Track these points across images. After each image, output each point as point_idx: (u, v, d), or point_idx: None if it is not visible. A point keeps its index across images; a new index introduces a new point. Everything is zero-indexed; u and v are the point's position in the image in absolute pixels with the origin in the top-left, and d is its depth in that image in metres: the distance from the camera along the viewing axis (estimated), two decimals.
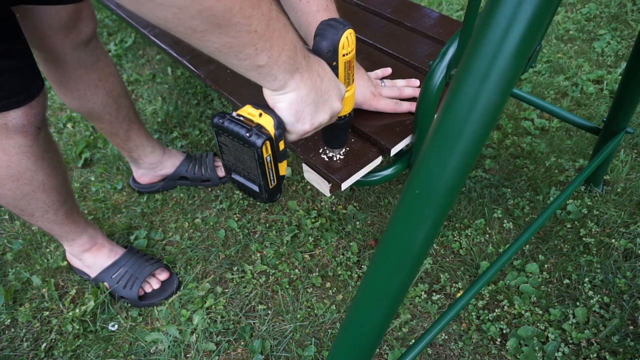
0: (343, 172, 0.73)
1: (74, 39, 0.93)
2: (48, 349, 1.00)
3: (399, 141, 0.76)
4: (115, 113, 1.09)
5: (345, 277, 1.09)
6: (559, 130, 1.39)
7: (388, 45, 0.95)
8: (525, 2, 0.33)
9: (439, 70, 0.65)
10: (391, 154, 0.77)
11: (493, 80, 0.36)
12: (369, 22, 1.02)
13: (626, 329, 0.95)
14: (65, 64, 0.96)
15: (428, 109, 0.69)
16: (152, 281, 1.08)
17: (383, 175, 0.78)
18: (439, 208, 0.43)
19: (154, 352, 0.99)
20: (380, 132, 0.78)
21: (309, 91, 0.55)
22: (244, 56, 0.47)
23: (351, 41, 0.59)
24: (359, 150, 0.76)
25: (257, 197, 0.63)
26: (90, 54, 0.98)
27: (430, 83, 0.66)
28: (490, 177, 1.27)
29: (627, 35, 1.73)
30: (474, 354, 0.95)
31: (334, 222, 1.21)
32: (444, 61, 0.64)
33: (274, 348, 0.98)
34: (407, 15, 1.02)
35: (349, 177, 0.73)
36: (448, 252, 1.13)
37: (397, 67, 0.89)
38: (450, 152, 0.40)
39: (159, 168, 1.28)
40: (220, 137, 0.58)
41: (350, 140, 0.78)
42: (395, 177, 0.80)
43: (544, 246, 1.10)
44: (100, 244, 1.08)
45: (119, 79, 1.08)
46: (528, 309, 1.00)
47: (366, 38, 0.98)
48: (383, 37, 0.97)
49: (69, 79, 0.99)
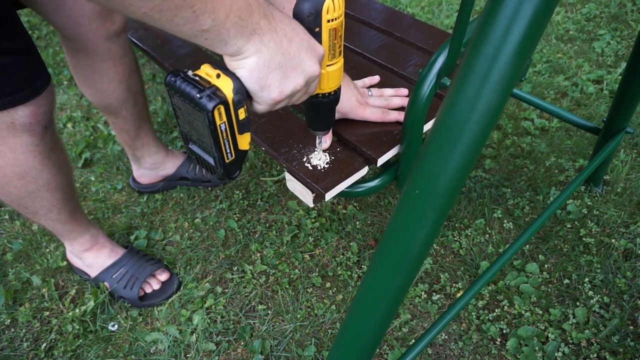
0: (327, 181, 0.70)
1: (109, 28, 0.92)
2: (48, 349, 1.00)
3: (386, 151, 0.74)
4: (132, 109, 1.09)
5: (345, 277, 1.09)
6: (559, 130, 1.39)
7: (377, 55, 0.94)
8: (525, 2, 0.33)
9: (429, 79, 0.63)
10: (378, 164, 0.74)
11: (493, 80, 0.36)
12: (358, 31, 1.02)
13: (626, 329, 0.95)
14: (96, 55, 0.95)
15: (416, 118, 0.67)
16: (152, 282, 1.08)
17: (369, 187, 0.76)
18: (439, 208, 0.43)
19: (154, 352, 0.99)
20: (367, 141, 0.75)
21: (272, 55, 0.49)
22: (181, 20, 0.42)
23: (338, 5, 0.52)
24: (344, 159, 0.74)
25: (212, 171, 0.57)
26: (120, 46, 0.98)
27: (419, 92, 0.64)
28: (490, 177, 1.27)
29: (627, 36, 1.73)
30: (474, 354, 0.95)
31: (334, 222, 1.21)
32: (433, 69, 0.62)
33: (274, 348, 0.98)
34: (396, 26, 1.01)
35: (334, 187, 0.70)
36: (448, 252, 1.13)
37: (386, 77, 0.88)
38: (451, 152, 0.40)
39: (160, 168, 1.28)
40: (173, 98, 0.52)
41: (335, 149, 0.75)
42: (381, 188, 0.78)
43: (544, 246, 1.10)
44: (102, 243, 1.08)
45: (140, 76, 1.09)
46: (528, 309, 1.00)
47: (355, 47, 0.97)
48: (373, 46, 0.96)
49: (95, 71, 0.99)
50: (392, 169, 0.77)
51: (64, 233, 1.02)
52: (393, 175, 0.77)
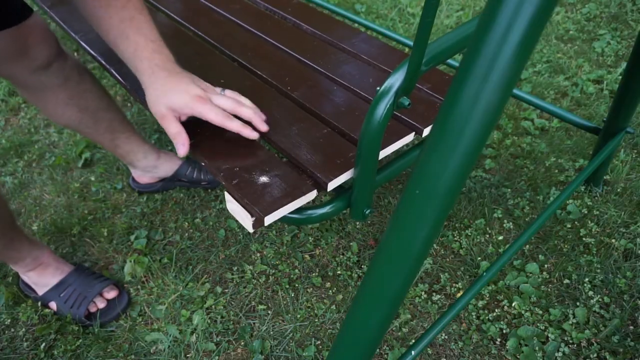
0: (267, 203, 0.62)
1: (28, 65, 0.87)
2: (48, 348, 1.00)
3: (338, 175, 0.67)
4: (94, 127, 1.06)
5: (345, 277, 1.09)
6: (559, 130, 1.39)
7: (335, 72, 0.89)
8: (525, 2, 0.33)
9: (386, 97, 0.56)
10: (328, 189, 0.67)
11: (493, 80, 0.36)
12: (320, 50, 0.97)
13: (626, 329, 0.95)
14: (29, 87, 0.92)
15: (372, 140, 0.59)
16: (98, 300, 1.04)
17: (318, 214, 0.68)
18: (439, 208, 0.43)
19: (153, 352, 0.99)
20: (317, 163, 0.69)
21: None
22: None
23: None
24: (291, 181, 0.67)
25: None
26: (54, 76, 0.93)
27: (375, 111, 0.57)
28: (490, 177, 1.27)
29: (627, 35, 1.73)
30: (474, 354, 0.95)
31: (334, 222, 1.21)
32: (392, 88, 0.56)
33: (274, 348, 0.98)
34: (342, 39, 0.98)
35: (274, 211, 0.62)
36: (448, 252, 1.12)
37: (348, 97, 0.83)
38: (451, 152, 0.40)
39: (154, 171, 1.27)
40: None
41: (280, 167, 0.69)
42: (333, 216, 0.70)
43: (544, 246, 1.10)
44: (46, 263, 1.04)
45: (99, 92, 1.04)
46: (528, 309, 1.00)
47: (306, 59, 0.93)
48: (330, 64, 0.92)
49: (37, 99, 0.96)
50: (346, 195, 0.70)
51: (3, 259, 0.99)
52: (347, 202, 0.70)
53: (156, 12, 1.12)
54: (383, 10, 2.06)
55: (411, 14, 2.01)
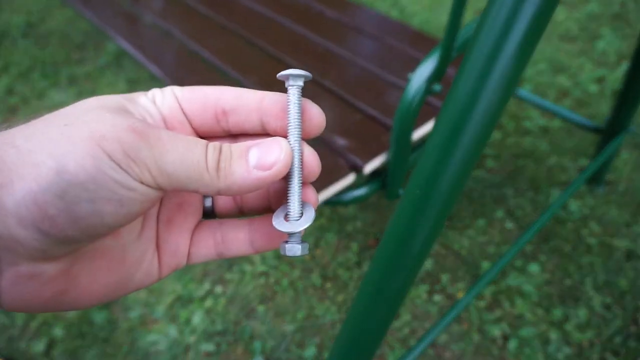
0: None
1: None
2: (48, 348, 1.00)
3: (373, 158, 0.71)
4: None
5: (345, 278, 1.09)
6: (561, 129, 1.38)
7: (364, 58, 0.91)
8: (526, 1, 0.33)
9: (418, 83, 0.59)
10: (364, 172, 0.71)
11: (494, 80, 0.36)
12: (349, 37, 1.00)
13: (628, 330, 0.95)
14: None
15: (404, 125, 0.63)
16: None
17: (354, 196, 0.72)
18: (440, 208, 0.43)
19: (153, 353, 0.99)
20: (353, 147, 0.72)
21: None
22: None
23: None
24: (329, 167, 0.70)
25: None
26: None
27: (407, 96, 0.60)
28: (491, 176, 1.27)
29: (629, 34, 1.72)
30: (475, 355, 0.94)
31: (334, 222, 1.20)
32: (423, 73, 0.59)
33: (274, 349, 0.98)
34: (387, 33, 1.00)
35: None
36: (449, 252, 1.12)
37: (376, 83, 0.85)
38: (452, 152, 0.39)
39: None
40: None
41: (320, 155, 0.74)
42: (367, 198, 0.74)
43: (546, 246, 1.10)
44: None
45: None
46: (529, 310, 0.99)
47: (345, 54, 0.94)
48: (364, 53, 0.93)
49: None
50: (379, 177, 0.74)
51: None
52: (381, 183, 0.74)
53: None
54: (383, 10, 2.06)
55: (412, 13, 2.01)
